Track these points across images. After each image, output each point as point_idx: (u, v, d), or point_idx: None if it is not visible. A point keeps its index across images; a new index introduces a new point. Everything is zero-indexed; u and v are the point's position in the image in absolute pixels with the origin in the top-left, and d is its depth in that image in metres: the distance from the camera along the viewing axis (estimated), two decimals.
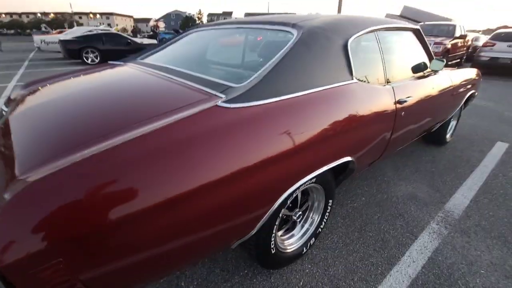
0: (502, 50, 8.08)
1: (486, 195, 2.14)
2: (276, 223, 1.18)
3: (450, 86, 2.28)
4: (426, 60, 2.13)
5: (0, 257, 0.56)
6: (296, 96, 1.07)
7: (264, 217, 1.03)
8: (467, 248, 1.61)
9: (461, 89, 2.53)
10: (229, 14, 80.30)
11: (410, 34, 2.03)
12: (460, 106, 2.72)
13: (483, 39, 11.43)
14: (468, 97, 2.84)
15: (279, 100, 1.01)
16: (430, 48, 2.22)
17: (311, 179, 1.17)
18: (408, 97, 1.70)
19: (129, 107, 0.97)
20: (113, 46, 9.25)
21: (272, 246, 1.23)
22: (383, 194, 2.13)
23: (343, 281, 1.37)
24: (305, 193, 1.43)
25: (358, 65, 1.41)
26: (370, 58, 1.57)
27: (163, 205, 0.73)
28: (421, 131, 2.18)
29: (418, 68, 1.90)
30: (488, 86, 6.39)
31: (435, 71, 2.15)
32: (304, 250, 1.46)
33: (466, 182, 2.33)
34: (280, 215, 1.18)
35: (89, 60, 9.03)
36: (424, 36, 2.13)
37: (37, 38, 10.29)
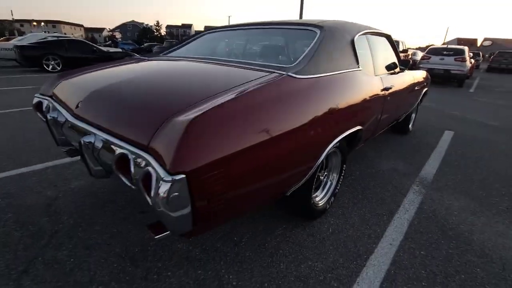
0: (436, 62, 9.64)
1: (446, 166, 2.72)
2: (315, 177, 1.49)
3: (413, 81, 2.87)
4: (396, 61, 2.68)
5: (188, 163, 0.78)
6: (331, 74, 1.42)
7: (314, 167, 1.34)
8: (442, 200, 2.09)
9: (420, 85, 3.16)
10: (188, 27, 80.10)
11: (385, 39, 2.56)
12: (419, 99, 3.37)
13: (420, 54, 13.45)
14: (424, 93, 3.51)
15: (323, 76, 1.36)
16: None
17: (338, 141, 1.51)
18: (391, 85, 2.17)
19: (213, 80, 1.22)
20: (77, 54, 8.84)
21: (312, 196, 1.53)
22: (372, 168, 2.58)
23: (361, 226, 1.72)
24: (327, 159, 1.76)
25: (359, 58, 1.83)
26: (365, 54, 2.01)
27: (268, 142, 1.00)
28: (396, 116, 2.70)
29: (391, 66, 2.41)
30: (429, 92, 7.58)
31: (402, 69, 2.71)
32: (327, 207, 1.78)
33: (430, 158, 2.91)
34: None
35: (50, 67, 8.48)
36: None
37: None
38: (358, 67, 1.73)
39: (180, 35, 72.75)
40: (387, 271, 1.37)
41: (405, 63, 2.61)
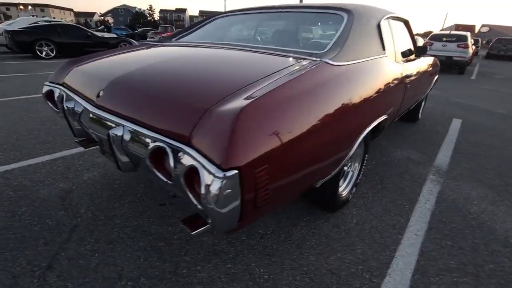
0: (438, 48, 9.52)
1: (459, 154, 2.71)
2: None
3: (427, 69, 2.81)
4: (412, 47, 2.60)
5: (240, 158, 0.72)
6: (364, 61, 1.35)
7: (347, 157, 1.29)
8: (459, 189, 2.08)
9: (432, 72, 3.11)
10: (182, 11, 77.69)
11: (403, 24, 2.47)
12: (431, 86, 3.32)
13: (420, 40, 13.29)
14: (435, 80, 3.46)
15: (356, 62, 1.29)
16: None
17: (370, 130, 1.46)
18: (411, 73, 2.11)
19: (246, 67, 1.15)
20: (71, 39, 8.52)
21: (338, 187, 1.49)
22: (387, 158, 2.55)
23: (384, 216, 1.70)
24: None
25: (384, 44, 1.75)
26: (388, 40, 1.93)
27: (312, 131, 0.95)
28: (412, 104, 2.65)
29: (409, 53, 2.34)
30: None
31: (418, 56, 2.64)
32: (350, 197, 1.76)
33: (442, 147, 2.90)
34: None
35: (44, 53, 8.17)
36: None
37: None
38: (385, 54, 1.67)
39: (174, 20, 70.79)
40: (417, 262, 1.36)
41: (422, 49, 2.53)
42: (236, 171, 0.71)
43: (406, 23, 2.51)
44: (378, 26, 1.66)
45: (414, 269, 1.32)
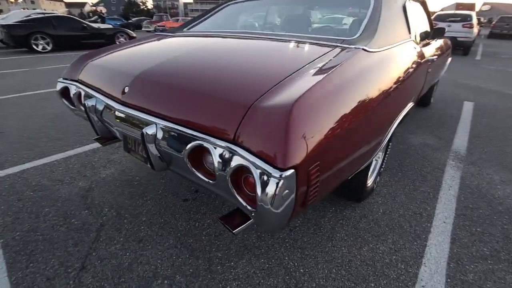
0: None
1: (476, 138, 2.68)
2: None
3: (443, 51, 2.73)
4: (429, 29, 2.52)
5: (297, 156, 0.69)
6: (395, 46, 1.30)
7: (381, 146, 1.26)
8: (481, 173, 2.06)
9: (446, 54, 3.03)
10: None
11: (419, 5, 2.37)
12: (445, 69, 3.24)
13: None
14: (448, 62, 3.38)
15: (389, 48, 1.23)
16: None
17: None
18: (431, 56, 2.05)
19: (280, 57, 1.10)
20: (66, 32, 8.30)
21: (367, 178, 1.47)
22: (403, 145, 2.52)
23: (410, 205, 1.69)
24: None
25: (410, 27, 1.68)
26: (412, 22, 1.85)
27: (356, 122, 0.91)
28: (429, 87, 2.59)
29: (428, 35, 2.26)
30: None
31: (434, 38, 2.55)
32: (374, 186, 1.73)
33: (457, 131, 2.86)
34: None
35: (40, 47, 7.98)
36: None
37: None
38: (410, 38, 1.60)
39: (168, 8, 69.14)
40: (450, 250, 1.35)
41: (440, 31, 2.44)
42: (293, 170, 0.67)
43: (424, 3, 2.42)
44: (404, 9, 1.59)
45: (449, 257, 1.31)
